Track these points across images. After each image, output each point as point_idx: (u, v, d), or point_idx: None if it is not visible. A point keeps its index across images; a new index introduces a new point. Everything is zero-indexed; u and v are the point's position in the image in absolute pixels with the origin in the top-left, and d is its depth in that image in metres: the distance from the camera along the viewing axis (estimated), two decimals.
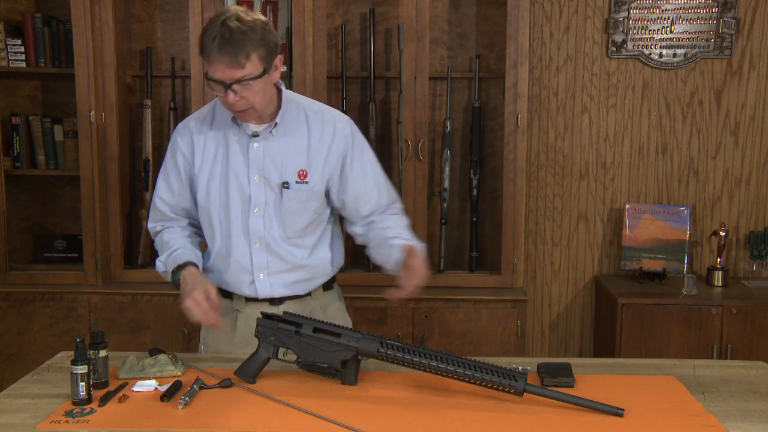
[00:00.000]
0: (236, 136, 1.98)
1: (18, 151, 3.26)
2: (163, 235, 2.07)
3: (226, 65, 1.79)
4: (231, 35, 1.77)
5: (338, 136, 2.02)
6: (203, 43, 1.80)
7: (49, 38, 3.22)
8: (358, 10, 3.34)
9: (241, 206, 1.99)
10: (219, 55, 1.78)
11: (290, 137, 1.99)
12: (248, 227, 1.99)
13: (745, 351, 3.04)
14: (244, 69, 1.80)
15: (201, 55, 1.83)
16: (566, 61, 3.42)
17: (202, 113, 2.05)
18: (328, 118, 2.03)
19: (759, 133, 3.43)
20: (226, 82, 1.81)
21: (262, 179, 1.98)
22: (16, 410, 1.66)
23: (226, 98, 1.84)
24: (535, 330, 3.57)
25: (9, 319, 3.14)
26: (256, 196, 1.98)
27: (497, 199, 3.34)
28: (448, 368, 1.71)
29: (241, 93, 1.83)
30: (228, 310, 2.07)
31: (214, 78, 1.81)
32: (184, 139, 2.03)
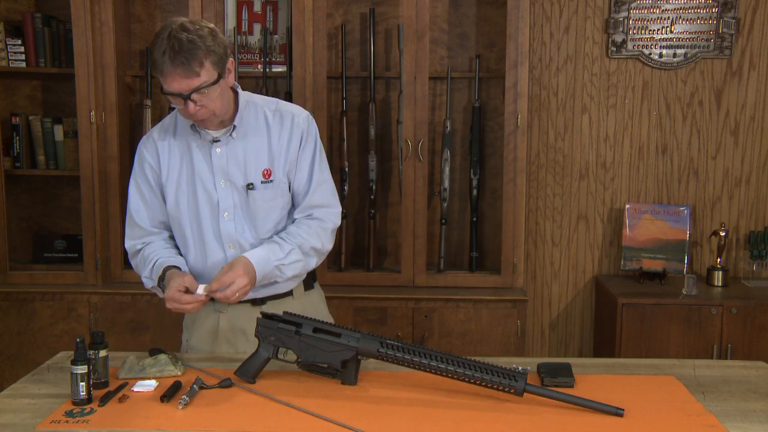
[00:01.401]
0: (198, 143, 2.00)
1: (18, 151, 3.26)
2: (144, 251, 2.05)
3: (182, 76, 1.79)
4: (180, 46, 1.78)
5: (295, 130, 2.03)
6: (154, 58, 1.81)
7: (49, 38, 3.22)
8: (358, 10, 3.34)
9: (210, 212, 2.01)
10: (172, 68, 1.78)
11: (250, 138, 2.01)
12: (220, 232, 2.01)
13: (745, 351, 3.04)
14: (199, 77, 1.81)
15: (154, 71, 1.84)
16: (566, 61, 3.42)
17: (164, 124, 2.07)
18: (286, 114, 2.04)
19: (759, 133, 3.43)
20: (184, 94, 1.82)
21: (228, 183, 1.99)
22: (16, 410, 1.66)
23: (186, 109, 1.85)
24: (535, 330, 3.57)
25: (9, 319, 3.14)
26: (224, 201, 2.00)
27: (497, 199, 3.34)
28: (448, 368, 1.71)
29: (200, 102, 1.84)
30: (209, 312, 2.07)
31: (171, 91, 1.82)
32: (149, 151, 2.04)
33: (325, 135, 3.12)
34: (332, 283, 3.18)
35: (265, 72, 3.26)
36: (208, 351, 2.08)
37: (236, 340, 2.07)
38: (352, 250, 3.36)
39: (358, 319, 3.09)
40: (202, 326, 2.10)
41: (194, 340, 2.12)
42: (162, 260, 2.00)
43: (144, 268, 2.03)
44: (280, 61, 3.36)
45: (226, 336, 2.07)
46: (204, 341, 2.10)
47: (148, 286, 2.03)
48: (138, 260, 2.07)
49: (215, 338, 2.08)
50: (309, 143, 2.06)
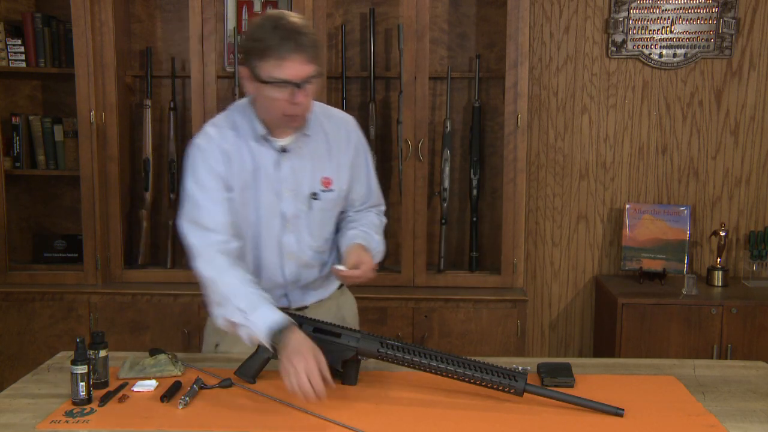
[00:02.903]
0: (265, 152, 1.90)
1: (18, 151, 3.26)
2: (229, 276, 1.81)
3: (301, 62, 1.73)
4: (302, 32, 1.73)
5: (351, 137, 2.01)
6: (267, 44, 1.71)
7: (49, 38, 3.22)
8: (358, 10, 3.34)
9: (273, 222, 1.92)
10: (294, 53, 1.71)
11: (313, 146, 1.94)
12: (281, 243, 1.94)
13: (745, 351, 3.04)
14: (314, 66, 1.76)
15: (258, 57, 1.73)
16: (566, 61, 3.42)
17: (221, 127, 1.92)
18: (340, 120, 2.01)
19: (759, 133, 3.43)
20: (298, 80, 1.74)
21: (293, 193, 1.92)
22: (16, 410, 1.66)
23: (294, 98, 1.75)
24: (535, 330, 3.57)
25: (9, 319, 3.14)
26: (288, 212, 1.92)
27: (497, 199, 3.34)
28: (448, 368, 1.71)
29: (306, 92, 1.77)
30: None
31: (285, 78, 1.73)
32: (216, 157, 1.88)
33: None
34: None
35: None
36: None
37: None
38: None
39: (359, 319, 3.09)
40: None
41: (227, 345, 2.04)
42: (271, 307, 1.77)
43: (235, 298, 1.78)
44: None
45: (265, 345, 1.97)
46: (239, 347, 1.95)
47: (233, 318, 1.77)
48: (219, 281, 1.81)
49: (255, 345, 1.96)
50: (362, 150, 2.04)
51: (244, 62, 1.80)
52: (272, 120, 1.85)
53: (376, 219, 2.09)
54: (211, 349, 2.10)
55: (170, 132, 3.32)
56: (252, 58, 1.76)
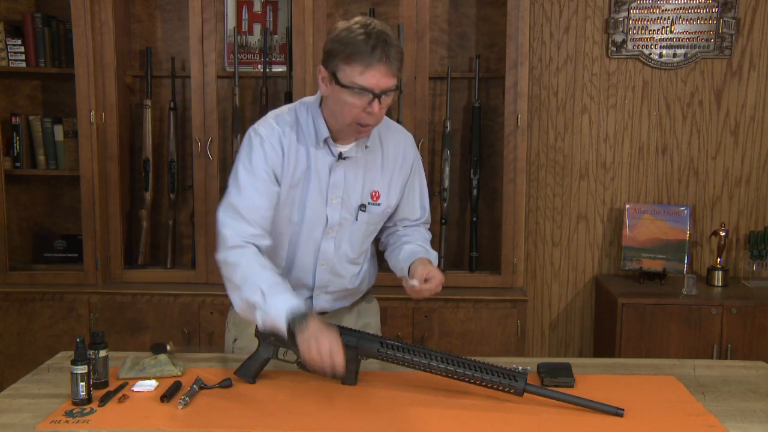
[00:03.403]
0: (321, 156, 1.88)
1: (18, 151, 3.26)
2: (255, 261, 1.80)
3: (384, 74, 1.72)
4: (391, 44, 1.72)
5: (407, 156, 2.00)
6: (356, 49, 1.70)
7: (49, 38, 3.22)
8: (358, 10, 3.34)
9: (314, 226, 1.92)
10: (380, 63, 1.70)
11: (369, 157, 1.93)
12: (319, 248, 1.94)
13: (745, 351, 3.04)
14: (395, 79, 1.75)
15: (343, 61, 1.71)
16: (566, 61, 3.42)
17: (286, 123, 1.89)
18: (399, 138, 1.99)
19: (759, 133, 3.43)
20: (378, 91, 1.73)
21: (340, 201, 1.91)
22: (16, 410, 1.66)
23: (371, 108, 1.74)
24: (535, 330, 3.57)
25: (9, 319, 3.14)
26: (332, 218, 1.92)
27: (497, 199, 3.33)
28: (448, 368, 1.71)
29: (383, 104, 1.75)
30: None
31: (365, 86, 1.71)
32: (276, 152, 1.86)
33: None
34: None
35: (265, 72, 3.26)
36: None
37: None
38: None
39: None
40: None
41: (244, 341, 2.04)
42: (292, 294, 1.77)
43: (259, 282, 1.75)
44: (280, 61, 3.36)
45: None
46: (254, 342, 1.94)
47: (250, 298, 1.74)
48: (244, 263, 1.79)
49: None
50: (417, 169, 2.03)
51: (326, 63, 1.77)
52: (341, 125, 1.83)
53: (427, 234, 2.09)
54: (229, 344, 2.09)
55: (170, 132, 3.32)
56: (336, 60, 1.74)
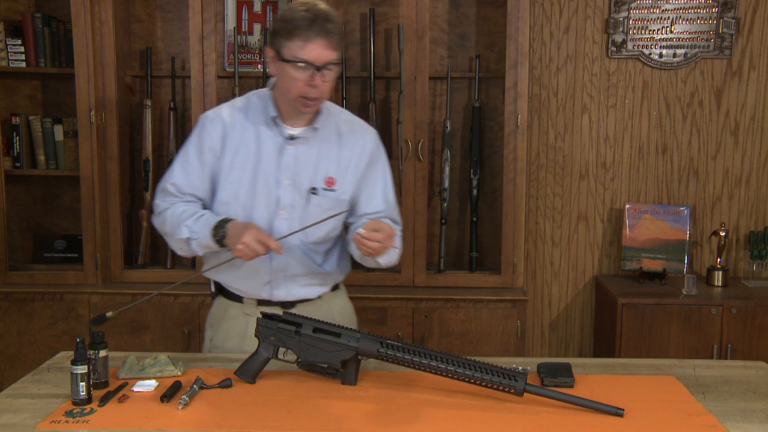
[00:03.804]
0: (271, 136, 1.97)
1: (18, 151, 3.26)
2: (176, 209, 1.99)
3: (323, 46, 1.82)
4: (329, 18, 1.82)
5: (366, 149, 2.04)
6: (295, 24, 1.81)
7: (49, 38, 3.22)
8: (358, 10, 3.34)
9: (266, 207, 1.97)
10: (318, 36, 1.81)
11: (322, 144, 1.99)
12: (272, 229, 1.97)
13: (745, 351, 3.04)
14: (336, 52, 1.85)
15: (285, 37, 1.83)
16: (566, 61, 3.42)
17: (235, 106, 2.02)
18: (359, 131, 2.06)
19: (759, 133, 3.43)
20: (318, 64, 1.82)
21: (291, 182, 1.97)
22: (16, 410, 1.66)
23: (313, 81, 1.84)
24: (535, 330, 3.57)
25: (9, 319, 3.14)
26: (284, 199, 1.97)
27: (497, 199, 3.34)
28: (448, 368, 1.71)
29: (324, 78, 1.85)
30: (238, 314, 2.06)
31: (307, 59, 1.82)
32: (216, 131, 1.98)
33: None
34: None
35: (265, 72, 3.26)
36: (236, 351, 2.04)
37: None
38: None
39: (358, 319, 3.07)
40: (230, 327, 2.07)
41: (219, 339, 2.09)
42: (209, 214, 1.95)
43: (184, 220, 1.95)
44: None
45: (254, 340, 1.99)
46: (230, 341, 2.07)
47: (183, 235, 1.94)
48: (167, 215, 2.00)
49: (243, 340, 2.05)
50: (379, 164, 2.07)
51: (271, 42, 1.88)
52: (288, 101, 1.92)
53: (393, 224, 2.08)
54: (207, 343, 2.14)
55: (170, 132, 3.32)
56: (279, 37, 1.85)
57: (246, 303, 2.05)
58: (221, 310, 2.10)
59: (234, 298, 2.07)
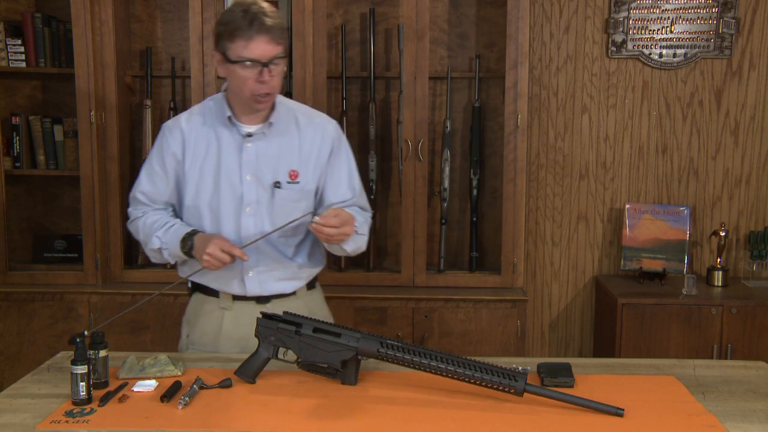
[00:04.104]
0: (229, 136, 2.01)
1: (18, 151, 3.26)
2: (147, 219, 2.06)
3: (268, 42, 1.87)
4: (265, 14, 1.86)
5: (326, 138, 2.07)
6: (236, 25, 1.86)
7: (49, 38, 3.22)
8: (358, 10, 3.34)
9: (232, 205, 2.01)
10: (260, 33, 1.85)
11: (282, 138, 2.03)
12: (240, 226, 2.01)
13: (745, 351, 3.04)
14: (280, 47, 1.89)
15: (228, 39, 1.87)
16: (566, 61, 3.42)
17: (192, 112, 2.08)
18: (318, 122, 2.09)
19: (759, 133, 3.43)
20: (264, 60, 1.87)
21: (254, 178, 2.00)
22: (16, 410, 1.66)
23: (261, 77, 1.88)
24: (535, 330, 3.57)
25: (9, 319, 3.14)
26: (248, 195, 2.00)
27: (497, 199, 3.34)
28: (448, 368, 1.71)
29: (272, 73, 1.89)
30: (214, 308, 2.09)
31: (251, 57, 1.86)
32: (174, 138, 2.04)
33: None
34: (332, 283, 3.18)
35: None
36: (210, 348, 2.09)
37: (239, 338, 2.06)
38: None
39: (358, 319, 3.09)
40: (206, 322, 2.10)
41: (195, 336, 2.12)
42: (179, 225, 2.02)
43: (150, 232, 2.03)
44: None
45: (229, 334, 2.07)
46: (206, 337, 2.10)
47: (155, 246, 2.02)
48: (139, 225, 2.08)
49: (218, 335, 2.08)
50: (342, 152, 2.10)
51: (216, 46, 1.93)
52: (242, 100, 1.96)
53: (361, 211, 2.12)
54: (184, 340, 2.17)
55: None
56: (222, 40, 1.89)
57: (222, 297, 2.08)
58: (198, 306, 2.13)
59: (210, 293, 2.09)
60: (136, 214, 2.11)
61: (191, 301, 2.17)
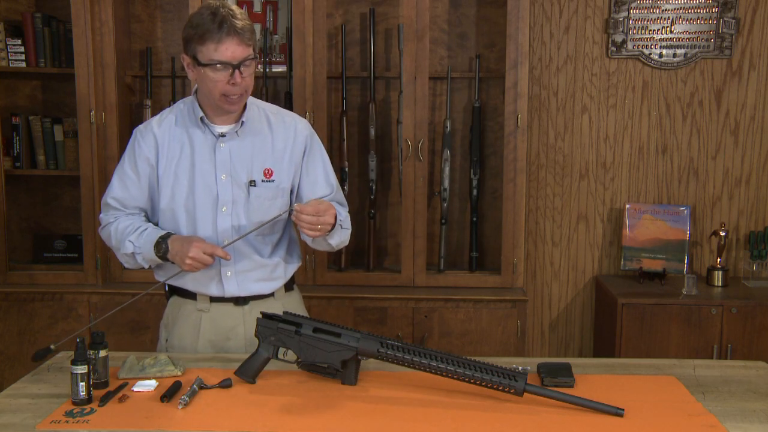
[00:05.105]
0: (202, 137, 2.02)
1: (18, 151, 3.26)
2: (120, 224, 2.04)
3: (237, 44, 1.87)
4: (234, 17, 1.87)
5: (299, 135, 2.08)
6: (205, 29, 1.86)
7: (49, 38, 3.22)
8: (358, 10, 3.34)
9: (208, 205, 2.01)
10: (229, 36, 1.86)
11: (255, 137, 2.04)
12: (216, 226, 2.01)
13: (745, 351, 3.04)
14: (249, 48, 1.90)
15: (198, 43, 1.87)
16: (566, 61, 3.42)
17: (164, 116, 2.08)
18: (289, 120, 2.10)
19: (759, 133, 3.43)
20: (235, 62, 1.87)
21: (229, 178, 2.01)
22: (16, 410, 1.66)
23: (233, 79, 1.89)
24: (535, 330, 3.57)
25: (9, 319, 3.14)
26: (223, 195, 2.01)
27: (497, 199, 3.34)
28: (448, 368, 1.71)
29: (243, 74, 1.90)
30: (191, 311, 2.08)
31: (223, 59, 1.86)
32: (147, 142, 2.03)
33: (325, 135, 3.12)
34: (332, 283, 3.18)
35: (265, 72, 3.26)
36: (189, 350, 2.08)
37: (218, 341, 2.07)
38: (352, 250, 3.36)
39: (358, 319, 3.10)
40: (184, 325, 2.09)
41: (174, 339, 2.11)
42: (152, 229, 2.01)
43: (123, 237, 2.01)
44: (280, 61, 3.36)
45: (208, 336, 2.07)
46: (185, 340, 2.09)
47: (128, 250, 2.00)
48: (111, 230, 2.06)
49: (197, 338, 2.08)
50: (316, 149, 2.11)
51: (185, 49, 1.93)
52: (213, 102, 1.97)
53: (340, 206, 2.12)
54: (162, 344, 2.16)
55: None
56: (192, 44, 1.90)
57: (199, 299, 2.08)
58: (175, 309, 2.12)
59: (188, 296, 2.09)
60: (107, 220, 2.09)
61: (169, 305, 2.16)
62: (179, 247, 1.92)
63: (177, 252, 1.92)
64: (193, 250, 1.88)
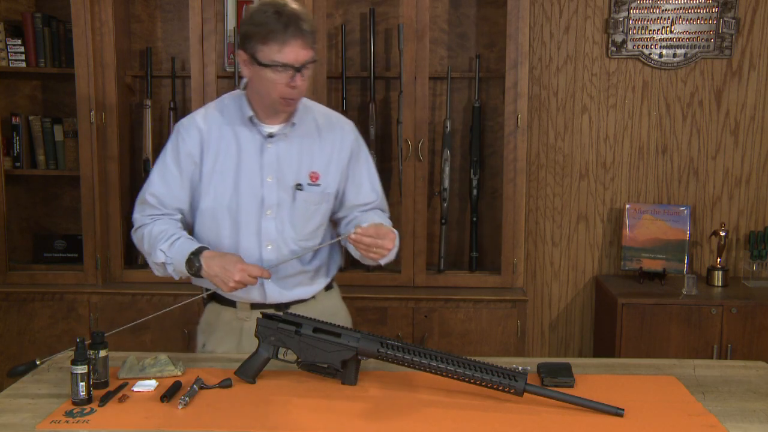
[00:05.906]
0: (249, 136, 1.95)
1: (18, 151, 3.26)
2: (154, 227, 1.96)
3: (301, 46, 1.81)
4: (299, 17, 1.81)
5: (346, 140, 2.03)
6: (269, 28, 1.78)
7: (49, 38, 3.22)
8: (358, 10, 3.34)
9: (252, 208, 1.95)
10: (294, 38, 1.79)
11: (303, 139, 1.98)
12: (260, 229, 1.96)
13: (745, 351, 3.04)
14: (312, 51, 1.84)
15: (260, 42, 1.80)
16: (566, 61, 3.42)
17: (209, 111, 2.00)
18: (336, 122, 2.05)
19: (759, 133, 3.43)
20: (297, 65, 1.81)
21: (275, 180, 1.95)
22: (16, 410, 1.66)
23: (294, 82, 1.83)
24: (535, 330, 3.57)
25: (9, 319, 3.14)
26: (268, 198, 1.95)
27: (497, 199, 3.34)
28: (448, 368, 1.71)
29: (303, 77, 1.84)
30: (231, 319, 2.05)
31: (285, 62, 1.80)
32: (192, 138, 1.96)
33: None
34: None
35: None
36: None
37: None
38: None
39: (358, 319, 3.09)
40: (224, 333, 2.06)
41: (212, 345, 2.08)
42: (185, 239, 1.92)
43: (155, 243, 1.93)
44: None
45: (249, 345, 1.99)
46: (224, 347, 2.05)
47: (159, 260, 1.92)
48: (144, 233, 1.98)
49: (238, 345, 2.04)
50: (362, 155, 2.07)
51: (243, 46, 1.85)
52: (267, 103, 1.90)
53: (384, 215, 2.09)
54: (200, 349, 2.13)
55: (170, 132, 3.31)
56: (253, 42, 1.82)
57: (239, 307, 2.03)
58: (214, 316, 2.08)
59: (227, 303, 2.04)
60: (142, 221, 2.00)
61: (206, 311, 2.12)
62: (219, 269, 1.84)
63: (216, 274, 1.84)
64: (239, 274, 1.81)
